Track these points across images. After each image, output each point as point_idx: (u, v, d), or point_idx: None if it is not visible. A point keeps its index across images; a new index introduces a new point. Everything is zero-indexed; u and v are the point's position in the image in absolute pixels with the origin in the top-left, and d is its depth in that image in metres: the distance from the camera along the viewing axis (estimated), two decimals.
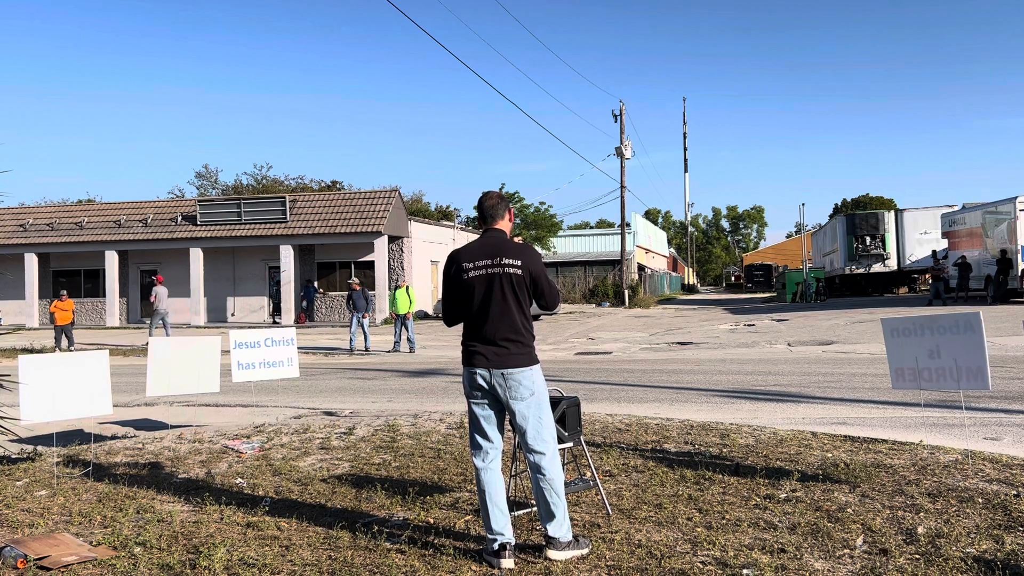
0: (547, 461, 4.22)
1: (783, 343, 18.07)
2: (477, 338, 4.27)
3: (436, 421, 8.66)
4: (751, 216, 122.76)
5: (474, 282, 4.24)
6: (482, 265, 4.24)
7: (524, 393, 4.21)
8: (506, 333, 4.21)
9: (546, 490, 4.20)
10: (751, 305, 39.86)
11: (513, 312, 4.22)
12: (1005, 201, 26.63)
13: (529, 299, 4.30)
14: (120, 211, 36.61)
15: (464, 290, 4.27)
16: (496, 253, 4.24)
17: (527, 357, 4.25)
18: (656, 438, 7.36)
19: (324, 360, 18.23)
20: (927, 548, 4.22)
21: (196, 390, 8.49)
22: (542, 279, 4.30)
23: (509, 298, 4.21)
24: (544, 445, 4.23)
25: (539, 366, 4.33)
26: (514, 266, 4.21)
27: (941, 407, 8.66)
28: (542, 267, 4.33)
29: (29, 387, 6.43)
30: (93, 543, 4.72)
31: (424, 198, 63.26)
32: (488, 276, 4.22)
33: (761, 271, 70.93)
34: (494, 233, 4.38)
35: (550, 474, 4.20)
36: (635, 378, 12.68)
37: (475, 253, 4.29)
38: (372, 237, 31.90)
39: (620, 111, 42.68)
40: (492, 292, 4.21)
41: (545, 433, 4.26)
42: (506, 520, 4.22)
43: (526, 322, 4.27)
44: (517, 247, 4.31)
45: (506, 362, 4.20)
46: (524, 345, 4.25)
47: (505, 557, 4.10)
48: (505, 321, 4.21)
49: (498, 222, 4.41)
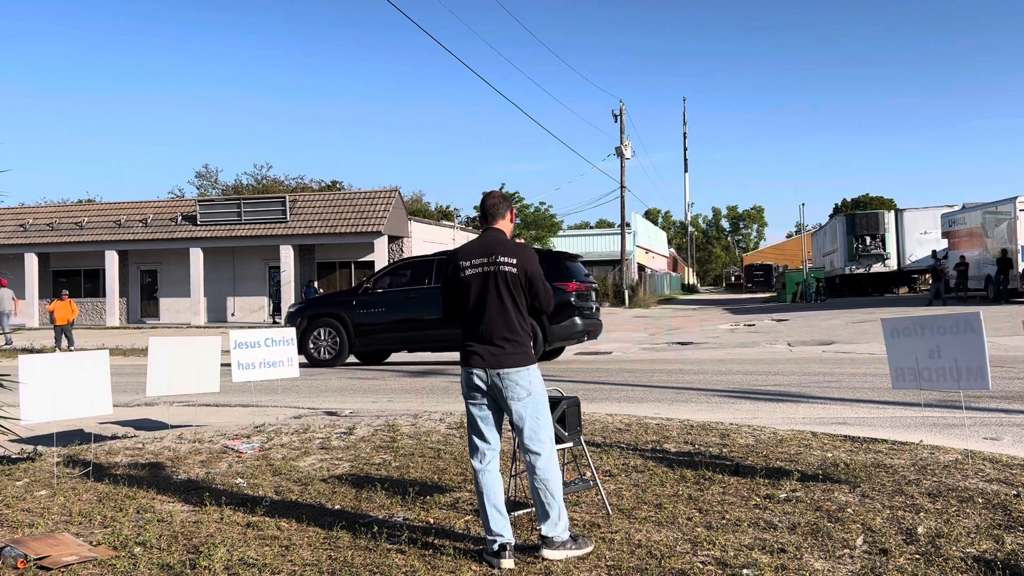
0: (542, 461, 4.21)
1: (783, 343, 18.07)
2: (474, 337, 4.27)
3: (436, 421, 8.66)
4: (751, 216, 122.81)
5: (470, 280, 4.24)
6: (478, 263, 4.24)
7: (521, 393, 4.21)
8: (502, 332, 4.21)
9: (541, 490, 4.19)
10: (751, 305, 39.85)
11: (509, 311, 4.21)
12: (1005, 201, 26.64)
13: (526, 299, 4.29)
14: (120, 211, 36.62)
15: (461, 288, 4.28)
16: (492, 251, 4.25)
17: (524, 357, 4.24)
18: (656, 438, 7.36)
19: None
20: (927, 548, 4.22)
21: (196, 390, 8.49)
22: (537, 280, 4.29)
23: (505, 297, 4.20)
24: (540, 445, 4.23)
25: (536, 366, 4.33)
26: (509, 264, 4.21)
27: (941, 407, 8.66)
28: (538, 268, 4.32)
29: (29, 387, 6.43)
30: (93, 543, 4.72)
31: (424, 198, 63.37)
32: (484, 274, 4.22)
33: (761, 271, 70.94)
34: (493, 232, 4.38)
35: (545, 474, 4.20)
36: (635, 378, 12.68)
37: (472, 251, 4.30)
38: (372, 237, 31.92)
39: (620, 111, 42.69)
40: (487, 291, 4.21)
41: (542, 433, 4.25)
42: (505, 521, 4.22)
43: (523, 321, 4.27)
44: (514, 246, 4.31)
45: (502, 362, 4.19)
46: (520, 344, 4.24)
47: (505, 557, 4.09)
48: (501, 320, 4.21)
49: (498, 222, 4.41)
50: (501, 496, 4.28)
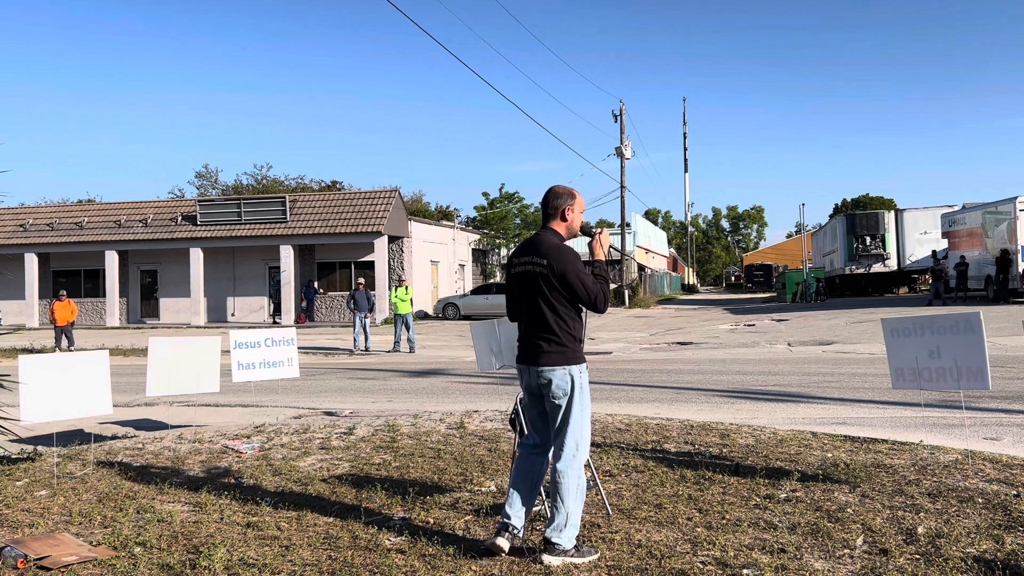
0: (562, 464, 4.20)
1: (783, 343, 18.07)
2: (521, 334, 4.43)
3: (436, 421, 8.66)
4: (751, 216, 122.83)
5: (515, 278, 4.40)
6: (522, 262, 4.36)
7: (557, 392, 4.24)
8: (538, 331, 4.29)
9: (553, 491, 4.21)
10: (751, 305, 39.85)
11: (543, 310, 4.26)
12: (1005, 201, 26.63)
13: (564, 298, 4.25)
14: (120, 211, 36.61)
15: (511, 285, 4.47)
16: (531, 251, 4.34)
17: (561, 356, 4.24)
18: (656, 438, 7.36)
19: (324, 360, 18.23)
20: (927, 548, 4.22)
21: (196, 390, 8.49)
22: (574, 280, 4.21)
23: (538, 296, 4.27)
24: (564, 448, 4.23)
25: (580, 367, 4.28)
26: (540, 265, 4.26)
27: (941, 407, 8.66)
28: (574, 267, 4.24)
29: (29, 387, 6.43)
30: (93, 543, 4.72)
31: (424, 198, 63.31)
32: (523, 274, 4.35)
33: (761, 271, 70.92)
34: (541, 232, 4.44)
35: (561, 477, 4.18)
36: (635, 378, 12.68)
37: (521, 250, 4.44)
38: (372, 237, 31.92)
39: (620, 111, 42.68)
40: (524, 289, 4.34)
41: (567, 438, 4.23)
42: (519, 507, 4.28)
43: (559, 321, 4.25)
44: (549, 246, 4.29)
45: (538, 360, 4.27)
46: (558, 344, 4.25)
47: (502, 537, 4.18)
48: (536, 319, 4.30)
49: (549, 222, 4.44)
50: (526, 483, 4.32)
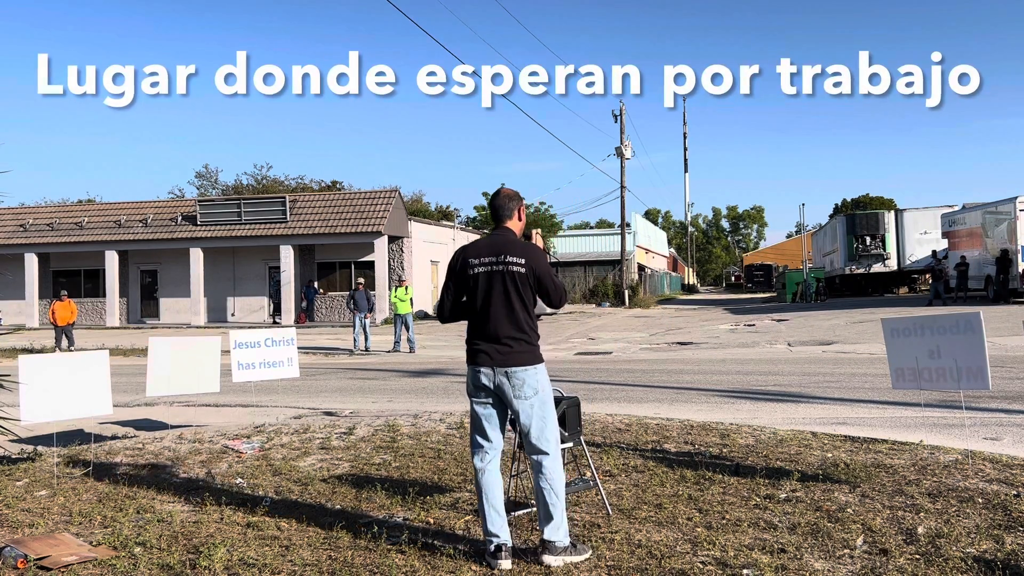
0: (549, 461, 4.22)
1: (783, 343, 18.07)
2: (481, 336, 4.29)
3: (436, 421, 8.66)
4: (751, 216, 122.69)
5: (479, 278, 4.27)
6: (487, 262, 4.27)
7: (528, 392, 4.22)
8: (509, 331, 4.22)
9: (546, 491, 4.20)
10: (751, 305, 39.84)
11: (516, 310, 4.23)
12: (1005, 201, 26.61)
13: (533, 298, 4.31)
14: (120, 211, 36.58)
15: (468, 285, 4.31)
16: (501, 251, 4.27)
17: (531, 355, 4.25)
18: (656, 438, 7.36)
19: (324, 360, 18.23)
20: (927, 548, 4.22)
21: (196, 390, 8.49)
22: (547, 278, 4.30)
23: (512, 296, 4.22)
24: (547, 445, 4.23)
25: (544, 365, 4.33)
26: (517, 264, 4.23)
27: (941, 407, 8.66)
28: (547, 266, 4.34)
29: (29, 387, 6.43)
30: (93, 543, 4.72)
31: (424, 198, 63.23)
32: (491, 273, 4.25)
33: (761, 271, 70.86)
34: (502, 231, 4.40)
35: (551, 475, 4.20)
36: (635, 378, 12.68)
37: (481, 250, 4.33)
38: (372, 237, 31.90)
39: (620, 111, 42.66)
40: (494, 289, 4.23)
41: (548, 433, 4.26)
42: (503, 522, 4.23)
43: (530, 320, 4.28)
44: (522, 245, 4.32)
45: (509, 360, 4.21)
46: (528, 344, 4.25)
47: (502, 558, 4.11)
48: (508, 319, 4.23)
49: (506, 221, 4.43)
50: (500, 497, 4.28)
